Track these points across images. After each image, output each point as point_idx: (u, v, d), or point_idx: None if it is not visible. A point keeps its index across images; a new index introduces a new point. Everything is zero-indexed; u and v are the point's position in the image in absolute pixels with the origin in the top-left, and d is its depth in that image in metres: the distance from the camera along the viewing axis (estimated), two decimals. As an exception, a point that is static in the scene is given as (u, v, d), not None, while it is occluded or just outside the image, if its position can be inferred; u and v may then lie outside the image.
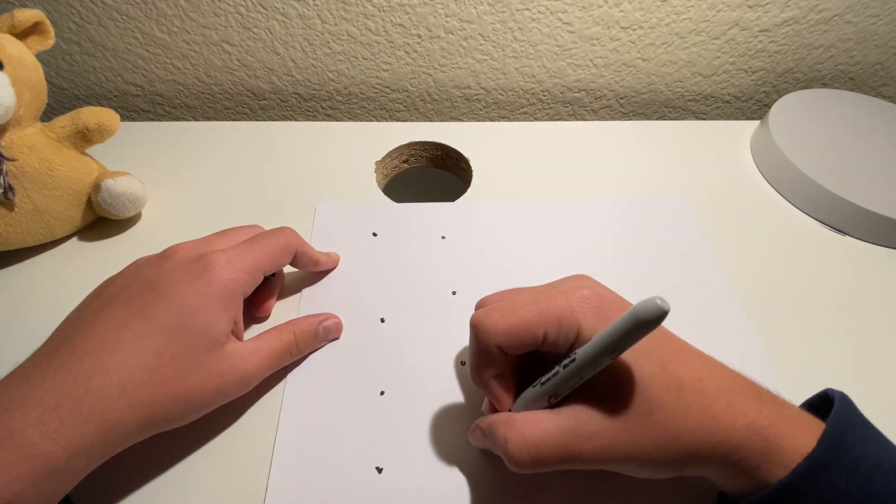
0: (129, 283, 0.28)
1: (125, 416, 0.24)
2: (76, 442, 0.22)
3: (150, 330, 0.25)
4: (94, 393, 0.23)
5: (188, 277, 0.27)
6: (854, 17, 0.53)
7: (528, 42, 0.53)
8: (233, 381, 0.28)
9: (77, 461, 0.23)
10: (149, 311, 0.26)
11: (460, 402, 0.31)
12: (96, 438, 0.23)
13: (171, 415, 0.26)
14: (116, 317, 0.26)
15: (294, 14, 0.51)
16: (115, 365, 0.24)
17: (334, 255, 0.38)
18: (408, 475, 0.29)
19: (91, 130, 0.36)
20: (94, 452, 0.23)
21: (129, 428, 0.24)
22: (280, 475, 0.28)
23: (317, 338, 0.33)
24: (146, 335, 0.25)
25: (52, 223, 0.37)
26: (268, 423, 0.30)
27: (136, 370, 0.24)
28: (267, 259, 0.31)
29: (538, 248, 0.40)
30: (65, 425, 0.22)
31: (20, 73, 0.32)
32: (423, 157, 0.50)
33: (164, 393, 0.25)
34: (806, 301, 0.38)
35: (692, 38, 0.54)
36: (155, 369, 0.25)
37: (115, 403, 0.24)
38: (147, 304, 0.26)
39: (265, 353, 0.30)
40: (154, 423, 0.25)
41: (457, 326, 0.34)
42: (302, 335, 0.32)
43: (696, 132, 0.52)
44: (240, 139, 0.48)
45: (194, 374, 0.26)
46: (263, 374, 0.30)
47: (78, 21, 0.51)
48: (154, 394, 0.25)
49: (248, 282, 0.30)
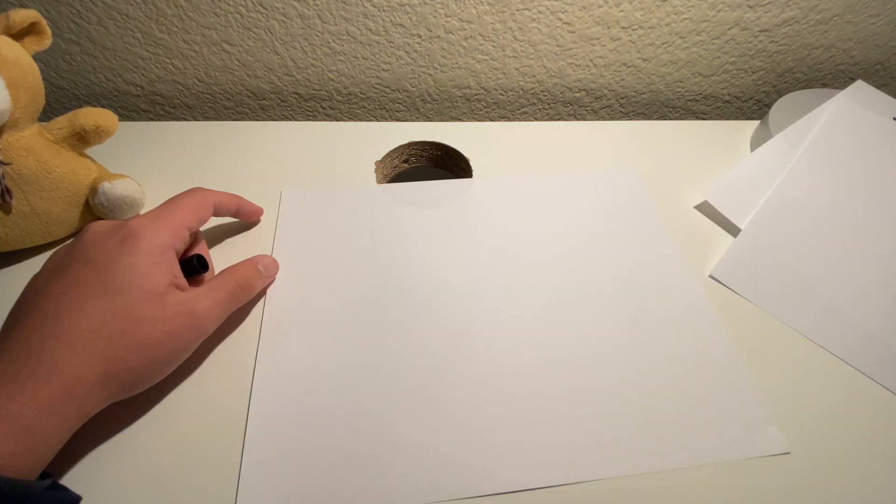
0: (60, 263, 0.29)
1: (83, 372, 0.25)
2: (42, 401, 0.24)
3: (87, 293, 0.27)
4: (49, 357, 0.25)
5: (114, 244, 0.29)
6: (854, 17, 0.52)
7: (528, 42, 0.53)
8: (183, 322, 0.29)
9: (48, 420, 0.24)
10: (83, 278, 0.27)
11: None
12: (60, 396, 0.25)
13: (130, 366, 0.27)
14: (55, 291, 0.27)
15: (294, 14, 0.50)
16: (61, 330, 0.26)
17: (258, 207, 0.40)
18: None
19: (89, 132, 0.36)
20: (62, 410, 0.25)
21: (90, 382, 0.26)
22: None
23: (260, 273, 0.35)
24: (85, 299, 0.27)
25: (50, 225, 0.37)
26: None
27: (83, 331, 0.26)
28: (185, 214, 0.32)
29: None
30: (27, 388, 0.24)
31: (16, 74, 0.32)
32: (423, 157, 0.50)
33: (115, 346, 0.26)
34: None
35: (692, 38, 0.54)
36: (100, 327, 0.26)
37: (70, 362, 0.25)
38: (79, 274, 0.28)
39: (214, 292, 0.31)
40: (118, 377, 0.27)
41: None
42: (247, 271, 0.34)
43: (696, 132, 0.51)
44: (240, 139, 0.48)
45: (140, 324, 0.27)
46: (219, 312, 0.31)
47: (78, 21, 0.50)
48: (106, 348, 0.26)
49: (175, 235, 0.31)
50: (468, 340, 0.34)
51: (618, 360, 0.34)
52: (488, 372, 0.33)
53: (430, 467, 0.29)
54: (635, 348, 0.34)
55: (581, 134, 0.50)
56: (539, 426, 0.31)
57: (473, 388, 0.32)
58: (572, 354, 0.34)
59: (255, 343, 0.34)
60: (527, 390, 0.32)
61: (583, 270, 0.38)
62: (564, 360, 0.33)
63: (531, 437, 0.30)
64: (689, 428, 0.31)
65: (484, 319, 0.35)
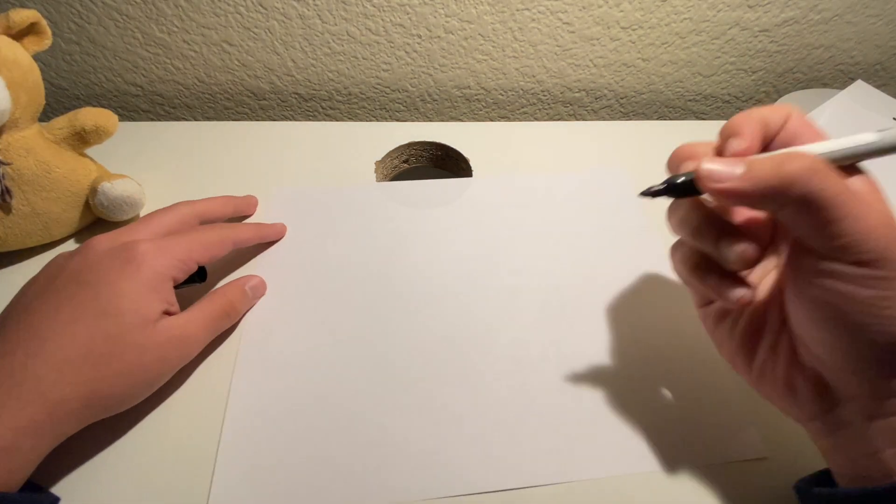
0: (54, 278, 0.28)
1: (66, 395, 0.25)
2: (20, 423, 0.23)
3: (80, 316, 0.26)
4: (32, 377, 0.24)
5: (115, 265, 0.28)
6: (854, 17, 0.52)
7: (528, 42, 0.53)
8: (172, 348, 0.29)
9: (25, 440, 0.24)
10: (77, 299, 0.27)
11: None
12: (40, 417, 0.24)
13: (115, 391, 0.27)
14: (45, 309, 0.27)
15: (294, 14, 0.50)
16: (49, 351, 0.25)
17: (279, 226, 0.40)
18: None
19: (89, 132, 0.36)
20: (40, 431, 0.24)
21: (72, 406, 0.25)
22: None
23: (247, 296, 0.34)
24: (76, 321, 0.26)
25: (50, 225, 0.37)
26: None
27: (71, 353, 0.25)
28: (199, 248, 0.32)
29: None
30: (7, 408, 0.23)
31: (16, 75, 0.32)
32: (423, 157, 0.50)
33: (103, 371, 0.26)
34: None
35: (692, 38, 0.54)
36: (89, 351, 0.26)
37: (54, 385, 0.24)
38: (75, 294, 0.27)
39: (200, 318, 0.31)
40: (100, 401, 0.26)
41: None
42: (234, 296, 0.33)
43: (696, 132, 0.51)
44: (240, 139, 0.48)
45: (130, 350, 0.27)
46: (204, 337, 0.31)
47: (78, 21, 0.50)
48: (92, 373, 0.25)
49: (178, 268, 0.30)
50: (461, 341, 0.34)
51: (602, 362, 0.33)
52: (481, 372, 0.33)
53: (424, 467, 0.29)
54: (621, 351, 0.34)
55: (581, 134, 0.50)
56: (521, 427, 0.30)
57: (468, 389, 0.32)
58: (561, 355, 0.34)
59: (236, 350, 0.33)
60: (517, 390, 0.32)
61: (580, 271, 0.38)
62: (553, 361, 0.33)
63: (513, 438, 0.30)
64: (666, 431, 0.30)
65: (477, 320, 0.35)
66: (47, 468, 0.27)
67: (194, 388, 0.32)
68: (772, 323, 0.26)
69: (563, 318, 0.36)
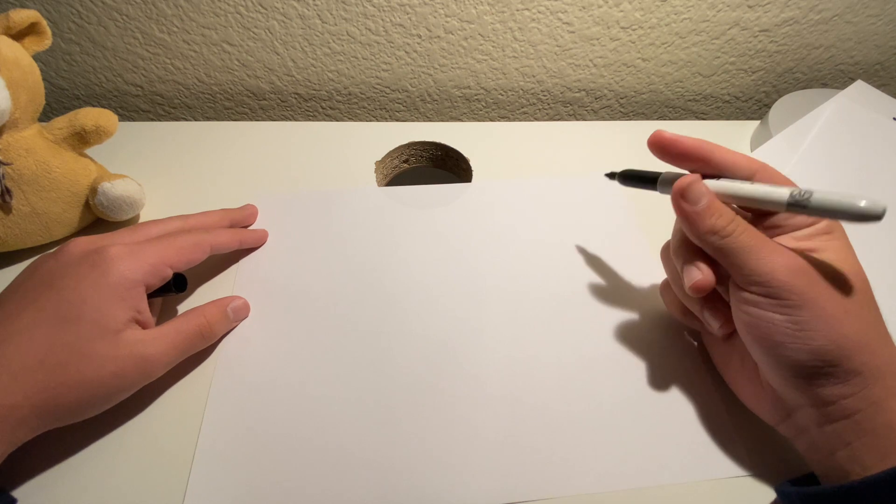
0: (25, 280, 0.28)
1: (19, 401, 0.24)
2: None
3: (41, 320, 0.26)
4: None
5: (83, 269, 0.28)
6: (854, 17, 0.52)
7: (528, 42, 0.53)
8: (132, 365, 0.27)
9: None
10: (40, 303, 0.27)
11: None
12: None
13: (67, 401, 0.26)
14: (7, 311, 0.26)
15: (294, 14, 0.50)
16: (6, 355, 0.25)
17: (261, 232, 0.39)
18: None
19: (89, 132, 0.36)
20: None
21: (24, 412, 0.25)
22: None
23: (227, 318, 0.33)
24: (37, 326, 0.26)
25: (51, 225, 0.37)
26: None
27: (27, 358, 0.25)
28: (172, 253, 0.31)
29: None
30: None
31: (16, 74, 0.32)
32: (423, 157, 0.50)
33: (58, 379, 0.25)
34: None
35: (692, 38, 0.54)
36: (46, 357, 0.25)
37: (8, 389, 0.24)
38: (39, 297, 0.27)
39: (171, 336, 0.30)
40: (53, 410, 0.26)
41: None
42: (213, 317, 0.32)
43: (696, 132, 0.51)
44: (240, 139, 0.48)
45: (88, 360, 0.26)
46: (172, 357, 0.30)
47: (78, 21, 0.50)
48: (47, 380, 0.25)
49: (150, 273, 0.29)
50: (456, 349, 0.34)
51: (591, 375, 0.33)
52: (477, 379, 0.32)
53: (427, 478, 0.29)
54: (612, 364, 0.34)
55: (581, 134, 0.50)
56: (508, 440, 0.30)
57: (462, 396, 0.32)
58: (557, 365, 0.33)
59: (214, 362, 0.33)
60: (512, 401, 0.32)
61: (578, 276, 0.38)
62: (543, 370, 0.33)
63: (497, 451, 0.30)
64: (653, 447, 0.30)
65: (473, 328, 0.35)
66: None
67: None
68: (739, 344, 0.29)
69: (560, 325, 0.35)
